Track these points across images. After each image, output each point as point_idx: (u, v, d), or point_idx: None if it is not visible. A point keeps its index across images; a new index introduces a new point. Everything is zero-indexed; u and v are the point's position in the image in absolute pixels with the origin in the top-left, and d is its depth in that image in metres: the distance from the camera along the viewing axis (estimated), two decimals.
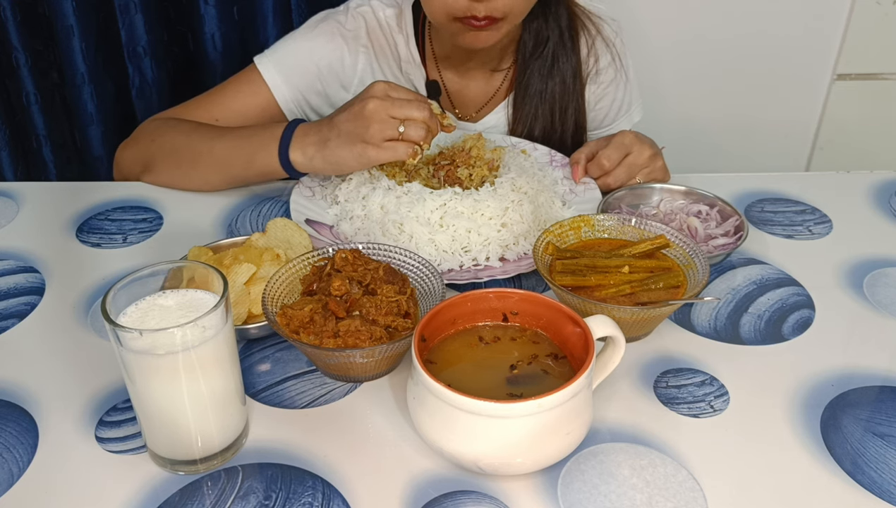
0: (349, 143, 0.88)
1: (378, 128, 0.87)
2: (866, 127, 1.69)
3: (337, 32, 1.07)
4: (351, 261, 0.77)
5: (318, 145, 0.92)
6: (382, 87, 0.89)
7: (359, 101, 0.88)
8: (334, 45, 1.07)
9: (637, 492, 0.63)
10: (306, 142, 0.93)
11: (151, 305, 0.63)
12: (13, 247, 0.94)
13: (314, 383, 0.74)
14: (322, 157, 0.91)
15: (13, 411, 0.71)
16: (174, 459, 0.65)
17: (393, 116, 0.87)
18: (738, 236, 0.90)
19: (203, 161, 1.00)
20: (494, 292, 0.71)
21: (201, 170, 1.01)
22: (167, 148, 1.03)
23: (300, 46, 1.08)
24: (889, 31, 1.58)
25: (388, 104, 0.87)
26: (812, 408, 0.72)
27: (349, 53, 1.08)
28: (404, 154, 0.88)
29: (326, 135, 0.91)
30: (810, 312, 0.84)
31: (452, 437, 0.61)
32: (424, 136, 0.88)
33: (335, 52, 1.07)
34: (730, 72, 1.63)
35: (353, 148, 0.88)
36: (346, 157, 0.89)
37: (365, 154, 0.88)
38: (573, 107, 1.11)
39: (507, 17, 0.94)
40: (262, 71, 1.06)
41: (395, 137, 0.87)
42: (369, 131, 0.87)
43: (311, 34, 1.08)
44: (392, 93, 0.88)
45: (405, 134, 0.87)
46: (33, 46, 1.36)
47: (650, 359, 0.78)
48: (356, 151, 0.88)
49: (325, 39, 1.07)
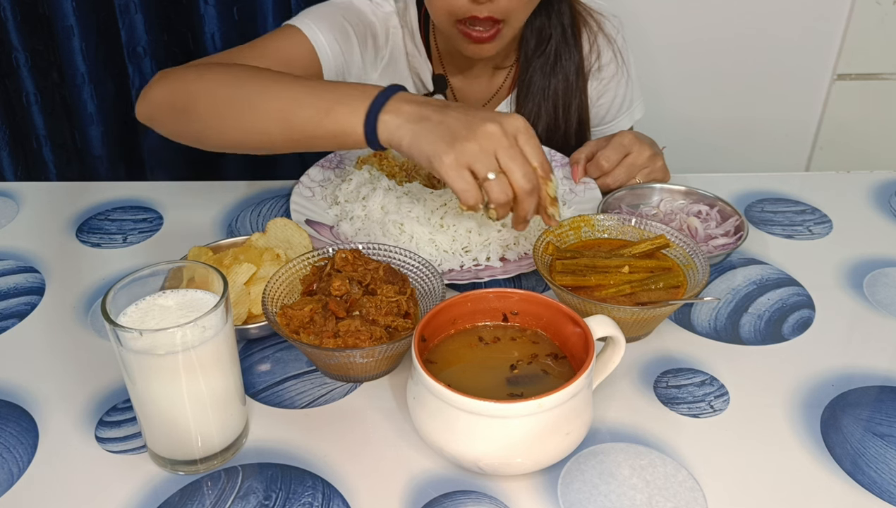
0: (440, 138, 0.73)
1: (473, 150, 0.72)
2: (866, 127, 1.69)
3: (368, 10, 1.06)
4: (351, 261, 0.77)
5: (413, 117, 0.75)
6: (520, 124, 0.75)
7: (484, 114, 0.75)
8: (368, 21, 1.06)
9: (637, 492, 0.63)
10: (403, 109, 0.76)
11: (151, 305, 0.63)
12: (13, 246, 0.94)
13: (314, 383, 0.74)
14: (410, 131, 0.75)
15: (13, 411, 0.71)
16: (174, 459, 0.65)
17: (497, 156, 0.73)
18: (738, 236, 0.90)
19: (262, 106, 0.81)
20: (494, 292, 0.71)
21: (257, 117, 0.82)
22: (218, 84, 0.84)
23: (334, 13, 1.02)
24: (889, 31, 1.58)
25: (504, 143, 0.73)
26: (812, 408, 0.72)
27: (381, 31, 1.07)
28: (469, 197, 0.73)
29: (428, 114, 0.75)
30: (810, 312, 0.84)
31: (452, 437, 0.61)
32: (502, 203, 0.73)
33: (369, 27, 1.06)
34: (730, 72, 1.63)
35: (437, 145, 0.73)
36: (426, 149, 0.74)
37: (440, 160, 0.73)
38: (576, 104, 1.11)
39: (508, 19, 0.94)
40: (303, 28, 0.98)
41: (478, 175, 0.73)
42: (464, 145, 0.72)
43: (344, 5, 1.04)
44: (521, 137, 0.74)
45: (487, 184, 0.73)
46: (33, 46, 1.36)
47: (650, 359, 0.78)
48: (437, 150, 0.73)
49: (358, 12, 1.05)
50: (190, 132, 0.87)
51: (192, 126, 0.85)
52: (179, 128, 0.87)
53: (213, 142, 0.86)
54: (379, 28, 1.07)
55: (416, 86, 1.11)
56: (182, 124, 0.87)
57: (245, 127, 0.82)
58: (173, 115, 0.87)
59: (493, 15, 0.92)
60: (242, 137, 0.83)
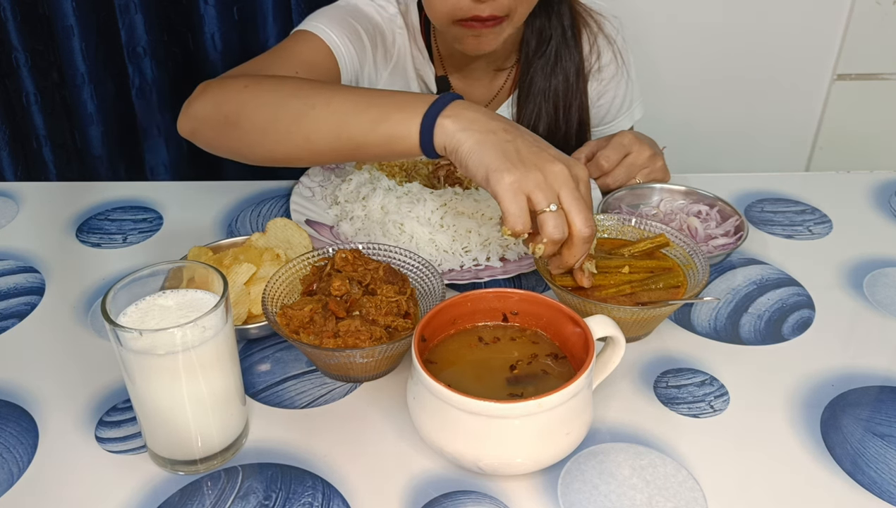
0: (504, 155, 0.70)
1: (538, 179, 0.69)
2: (866, 127, 1.69)
3: (374, 12, 1.06)
4: (351, 261, 0.77)
5: (479, 127, 0.73)
6: (583, 175, 0.72)
7: (555, 152, 0.72)
8: (375, 21, 1.06)
9: (637, 492, 0.63)
10: (464, 116, 0.73)
11: (151, 305, 0.63)
12: (13, 247, 0.94)
13: (314, 383, 0.74)
14: (472, 138, 0.72)
15: (13, 411, 0.71)
16: (174, 459, 0.65)
17: (559, 195, 0.69)
18: (738, 236, 0.90)
19: (312, 115, 0.79)
20: (494, 292, 0.71)
21: (307, 127, 0.79)
22: (264, 96, 0.82)
23: (342, 15, 1.01)
24: (889, 31, 1.58)
25: (572, 185, 0.70)
26: (812, 408, 0.72)
27: (388, 32, 1.07)
28: (519, 222, 0.69)
29: (496, 128, 0.72)
30: (810, 312, 0.84)
31: (452, 437, 0.61)
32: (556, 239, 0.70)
33: (377, 28, 1.06)
34: (729, 72, 1.63)
35: (501, 161, 0.70)
36: (486, 160, 0.70)
37: (500, 176, 0.69)
38: (576, 105, 1.11)
39: (511, 15, 0.94)
40: (316, 32, 0.97)
41: (535, 206, 0.69)
42: (530, 171, 0.69)
43: (350, 7, 1.04)
44: (583, 186, 0.72)
45: (544, 216, 0.69)
46: (33, 46, 1.36)
47: (650, 359, 0.78)
48: (500, 165, 0.69)
49: (365, 13, 1.05)
50: (235, 146, 0.85)
51: (239, 140, 0.84)
52: (224, 142, 0.85)
53: (258, 155, 0.84)
54: (386, 30, 1.07)
55: (420, 88, 1.11)
56: (227, 138, 0.85)
57: (294, 140, 0.80)
58: (219, 129, 0.84)
59: (496, 13, 0.92)
60: (290, 150, 0.81)
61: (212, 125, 0.84)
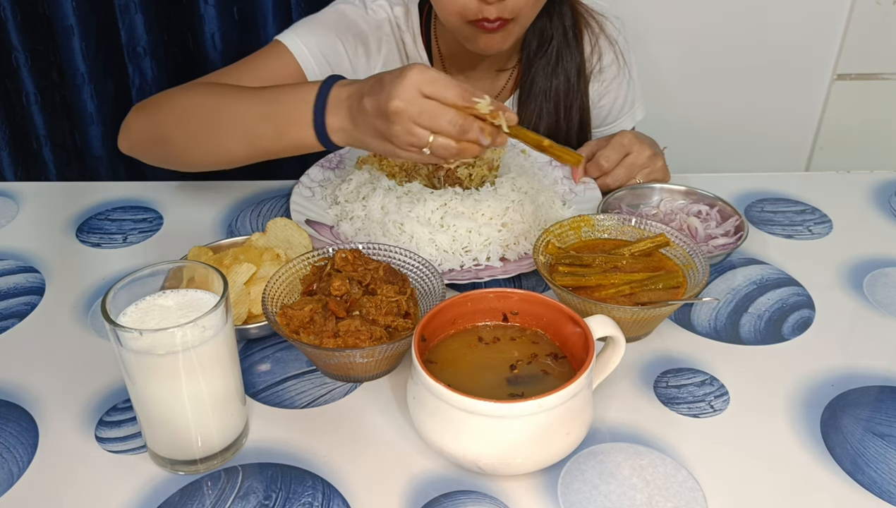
0: (375, 136, 0.77)
1: (401, 131, 0.74)
2: (866, 127, 1.69)
3: (360, 19, 1.07)
4: (351, 261, 0.77)
5: (350, 116, 0.79)
6: (416, 80, 0.73)
7: (385, 93, 0.74)
8: (359, 30, 1.06)
9: (637, 492, 0.63)
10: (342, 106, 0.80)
11: (151, 305, 0.63)
12: (13, 247, 0.94)
13: (314, 383, 0.74)
14: (353, 138, 0.80)
15: (13, 411, 0.71)
16: (174, 459, 0.65)
17: (418, 124, 0.74)
18: (738, 236, 0.90)
19: (224, 131, 0.86)
20: (494, 292, 0.71)
21: (223, 144, 0.87)
22: (186, 111, 0.89)
23: (323, 26, 1.04)
24: (889, 31, 1.58)
25: (415, 110, 0.73)
26: (812, 408, 0.72)
27: (373, 40, 1.07)
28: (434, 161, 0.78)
29: (354, 115, 0.78)
30: (810, 312, 0.84)
31: (452, 437, 0.61)
32: (453, 154, 0.76)
33: (359, 36, 1.06)
34: (729, 72, 1.62)
35: (380, 142, 0.77)
36: (375, 147, 0.79)
37: (392, 152, 0.78)
38: (577, 105, 1.11)
39: (518, 18, 0.94)
40: (288, 44, 1.01)
41: (421, 146, 0.75)
42: (392, 131, 0.75)
43: (335, 16, 1.06)
44: (426, 88, 0.73)
45: (432, 146, 0.75)
46: (33, 46, 1.36)
47: (650, 359, 0.78)
48: (379, 148, 0.78)
49: (349, 22, 1.06)
50: (170, 160, 0.93)
51: (171, 154, 0.92)
52: (160, 157, 0.94)
53: (192, 165, 0.92)
54: (371, 37, 1.07)
55: None
56: (161, 154, 0.93)
57: (215, 150, 0.88)
58: (152, 147, 0.94)
59: (503, 15, 0.92)
60: (216, 159, 0.90)
61: (146, 144, 0.94)
